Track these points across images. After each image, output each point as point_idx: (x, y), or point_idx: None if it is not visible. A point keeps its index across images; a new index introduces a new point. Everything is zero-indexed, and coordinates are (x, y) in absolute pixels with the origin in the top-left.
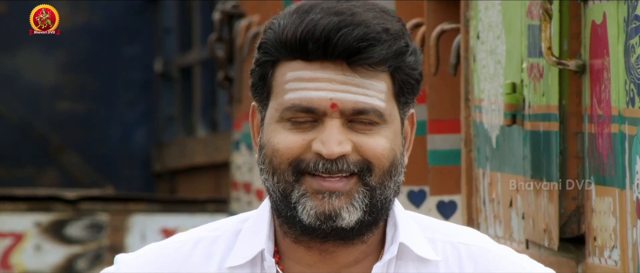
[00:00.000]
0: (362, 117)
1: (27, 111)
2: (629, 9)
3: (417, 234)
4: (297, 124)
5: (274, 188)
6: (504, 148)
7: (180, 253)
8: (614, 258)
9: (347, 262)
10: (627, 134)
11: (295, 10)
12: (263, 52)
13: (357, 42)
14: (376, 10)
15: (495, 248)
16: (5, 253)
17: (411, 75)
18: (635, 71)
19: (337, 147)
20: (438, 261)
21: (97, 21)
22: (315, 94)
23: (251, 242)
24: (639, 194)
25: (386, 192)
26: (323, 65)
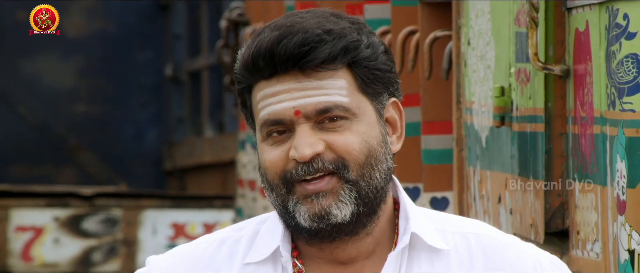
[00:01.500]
0: (327, 115)
1: (46, 113)
2: (610, 18)
3: (427, 226)
4: (277, 139)
5: (275, 203)
6: (493, 148)
7: (207, 253)
8: (596, 251)
9: (359, 255)
10: (608, 135)
11: (253, 35)
12: (237, 82)
13: (298, 48)
14: (323, 16)
15: (503, 236)
16: (26, 246)
17: (371, 66)
18: (616, 75)
19: (308, 149)
20: (449, 250)
21: (111, 28)
22: (279, 105)
23: (268, 241)
24: (619, 191)
25: (373, 182)
26: (279, 79)
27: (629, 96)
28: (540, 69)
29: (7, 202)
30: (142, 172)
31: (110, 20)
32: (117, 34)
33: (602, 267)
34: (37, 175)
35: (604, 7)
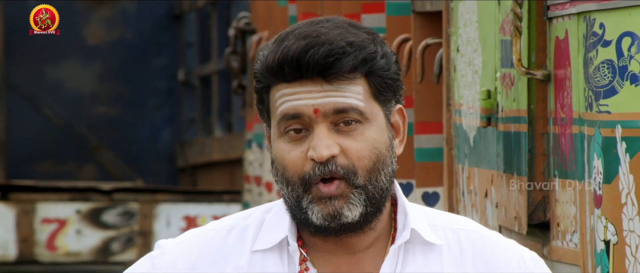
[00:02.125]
0: (344, 116)
1: (69, 115)
2: (588, 27)
3: (422, 222)
4: (294, 137)
5: (289, 196)
6: (480, 147)
7: (216, 239)
8: (575, 241)
9: (361, 247)
10: (586, 134)
11: (275, 41)
12: (257, 81)
13: (324, 59)
14: (343, 27)
15: (490, 233)
16: (51, 236)
17: (385, 76)
18: (593, 80)
19: (326, 150)
20: (442, 245)
21: (128, 37)
22: (299, 102)
23: (275, 230)
24: (596, 186)
25: (379, 184)
26: (302, 83)
27: (604, 99)
28: (523, 73)
29: (34, 197)
30: (157, 169)
31: (128, 29)
32: (134, 42)
33: (580, 256)
34: (61, 171)
35: (582, 17)
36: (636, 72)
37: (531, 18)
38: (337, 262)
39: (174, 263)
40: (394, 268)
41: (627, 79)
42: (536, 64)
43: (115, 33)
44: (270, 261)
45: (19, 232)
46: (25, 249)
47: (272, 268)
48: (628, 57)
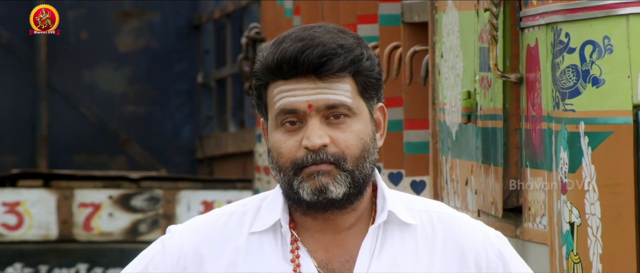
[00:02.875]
0: (334, 111)
1: (102, 113)
2: (555, 36)
3: (399, 205)
4: (289, 128)
5: (282, 181)
6: (461, 141)
7: (219, 223)
8: (544, 223)
9: (344, 226)
10: (554, 130)
11: (273, 43)
12: (256, 79)
13: (318, 58)
14: (333, 32)
15: (459, 214)
16: (87, 219)
17: (369, 75)
18: (560, 82)
19: (318, 139)
20: (416, 225)
21: (154, 45)
22: (295, 99)
23: (270, 214)
24: (562, 175)
25: (363, 170)
26: (297, 81)
27: (569, 99)
28: (499, 77)
29: (72, 184)
30: (179, 160)
31: (153, 38)
32: (159, 50)
33: (548, 236)
34: (95, 162)
35: (550, 28)
36: (597, 75)
37: (506, 28)
38: (324, 240)
39: (182, 244)
40: (374, 245)
41: (589, 82)
42: (510, 68)
43: (142, 42)
44: (265, 241)
45: (60, 214)
46: (65, 229)
47: (267, 248)
48: (590, 63)
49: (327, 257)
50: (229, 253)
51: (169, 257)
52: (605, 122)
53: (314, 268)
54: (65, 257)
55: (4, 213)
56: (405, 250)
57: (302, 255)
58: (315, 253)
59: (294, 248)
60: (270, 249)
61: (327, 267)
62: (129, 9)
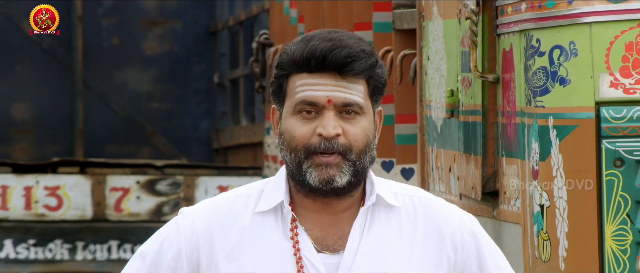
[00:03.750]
0: (348, 108)
1: (131, 108)
2: (527, 41)
3: (385, 190)
4: (305, 116)
5: (291, 162)
6: (445, 133)
7: (225, 206)
8: (517, 205)
9: (340, 209)
10: (526, 124)
11: (301, 40)
12: (280, 69)
13: (344, 59)
14: (355, 38)
15: (436, 198)
16: (118, 201)
17: (379, 81)
18: (531, 82)
19: (333, 129)
20: (400, 207)
21: (176, 49)
22: (317, 92)
23: (273, 196)
24: (533, 163)
25: (364, 162)
26: (321, 75)
27: (540, 96)
28: (478, 77)
29: (104, 171)
30: (197, 150)
31: (175, 43)
32: (180, 53)
33: (521, 217)
34: (124, 152)
35: (523, 34)
36: (564, 76)
37: (484, 34)
38: (320, 220)
39: (193, 224)
40: (364, 225)
41: (557, 81)
42: (488, 69)
43: (166, 46)
44: (268, 221)
45: (94, 197)
46: (98, 211)
47: (269, 227)
48: (558, 65)
49: (322, 235)
50: (235, 232)
51: (182, 234)
52: (571, 117)
53: (310, 245)
54: (98, 234)
55: (46, 196)
56: (391, 229)
57: (301, 233)
58: (312, 231)
59: (293, 227)
60: (272, 228)
61: (323, 243)
62: (154, 18)
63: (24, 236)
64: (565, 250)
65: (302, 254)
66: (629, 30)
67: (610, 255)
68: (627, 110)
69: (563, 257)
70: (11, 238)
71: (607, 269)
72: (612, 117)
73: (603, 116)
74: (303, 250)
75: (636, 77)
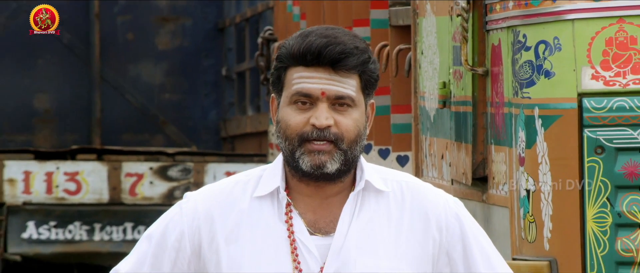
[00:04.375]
0: (340, 101)
1: (145, 100)
2: (514, 36)
3: (375, 176)
4: (300, 107)
5: (286, 148)
6: (438, 123)
7: (226, 190)
8: (505, 190)
9: (331, 193)
10: (514, 114)
11: (299, 35)
12: (279, 61)
13: (338, 55)
14: (350, 35)
15: (424, 183)
16: (132, 186)
17: (372, 76)
18: (518, 75)
19: (325, 120)
20: (388, 192)
21: (186, 44)
22: (311, 85)
23: (270, 182)
24: (520, 151)
25: (354, 152)
26: (316, 69)
27: (526, 88)
28: (469, 70)
29: (120, 158)
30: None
31: (186, 38)
32: (190, 48)
33: (509, 200)
34: (138, 140)
35: (510, 30)
36: (549, 69)
37: (474, 30)
38: (313, 204)
39: (196, 207)
40: (354, 209)
41: (542, 74)
42: (478, 63)
43: (177, 41)
44: (264, 205)
45: (110, 182)
46: (114, 194)
47: (266, 210)
48: (543, 58)
49: (315, 218)
50: (234, 215)
51: (185, 217)
52: (555, 107)
53: (304, 228)
54: (114, 217)
55: (66, 181)
56: (379, 212)
57: (295, 217)
58: (305, 215)
59: (288, 211)
60: (269, 211)
61: (315, 226)
62: (166, 15)
63: (45, 218)
64: (550, 232)
65: (296, 236)
66: (609, 27)
67: (592, 236)
68: (607, 101)
69: (547, 238)
70: (34, 220)
71: (589, 249)
72: (594, 108)
73: (585, 107)
74: (296, 233)
75: (616, 70)
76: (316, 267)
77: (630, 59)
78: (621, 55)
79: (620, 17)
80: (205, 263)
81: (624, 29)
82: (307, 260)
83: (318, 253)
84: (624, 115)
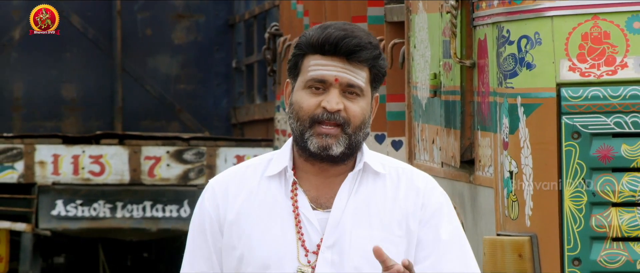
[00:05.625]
0: (351, 89)
1: (162, 89)
2: (499, 32)
3: (374, 160)
4: (314, 91)
5: (297, 129)
6: (429, 110)
7: (239, 172)
8: (490, 172)
9: (334, 173)
10: (498, 102)
11: (319, 27)
12: (298, 49)
13: (353, 47)
14: (365, 32)
15: (416, 170)
16: (151, 168)
17: (380, 71)
18: (502, 67)
19: (336, 105)
20: (385, 174)
21: (200, 39)
22: (327, 72)
23: (279, 163)
24: (504, 136)
25: (358, 137)
26: (332, 58)
27: (510, 79)
28: (457, 62)
29: (140, 142)
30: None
31: (199, 34)
32: (204, 42)
33: (494, 181)
34: (156, 126)
35: (495, 25)
36: (530, 61)
37: (462, 26)
38: (316, 182)
39: (214, 189)
40: (352, 187)
41: (524, 66)
42: (466, 56)
43: (191, 36)
44: (273, 184)
45: (131, 164)
46: (134, 175)
47: (274, 188)
48: (525, 52)
49: (317, 195)
50: (246, 192)
51: (206, 201)
52: (536, 96)
53: (307, 203)
54: (135, 196)
55: (91, 163)
56: (376, 191)
57: (299, 193)
58: (309, 192)
59: (294, 189)
60: (276, 189)
61: (317, 202)
62: (181, 12)
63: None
64: (531, 210)
65: (300, 211)
66: (585, 23)
67: (569, 213)
68: (583, 91)
69: (529, 216)
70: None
71: (566, 225)
72: (571, 97)
73: (563, 96)
74: (301, 208)
75: (591, 62)
76: (317, 238)
77: (604, 52)
78: (596, 48)
79: (595, 14)
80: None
81: (598, 25)
82: (309, 232)
83: (319, 225)
84: (598, 104)
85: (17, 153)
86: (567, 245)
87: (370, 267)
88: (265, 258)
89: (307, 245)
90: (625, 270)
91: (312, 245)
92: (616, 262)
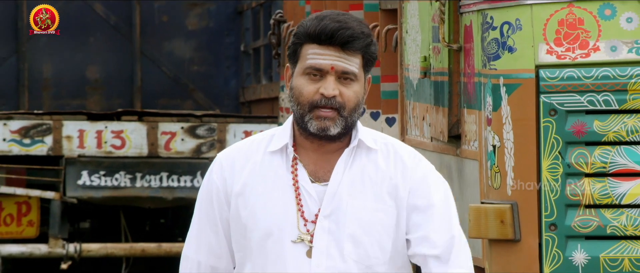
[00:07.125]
0: (345, 76)
1: (177, 70)
2: (483, 18)
3: (368, 137)
4: (312, 78)
5: (297, 112)
6: (420, 90)
7: (244, 147)
8: (475, 146)
9: (332, 150)
10: (482, 83)
11: (316, 17)
12: (296, 38)
13: (347, 38)
14: (358, 22)
15: (404, 145)
16: (167, 142)
17: (372, 56)
18: (486, 50)
19: (332, 91)
20: (377, 149)
21: (211, 25)
22: (323, 61)
23: (280, 139)
24: (488, 113)
25: (353, 118)
26: (328, 47)
27: (493, 61)
28: (446, 46)
29: (157, 119)
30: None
31: (211, 20)
32: (215, 28)
33: (478, 154)
34: (172, 104)
35: (480, 13)
36: (511, 45)
37: (450, 13)
38: (315, 157)
39: (221, 163)
40: (348, 161)
41: (506, 49)
42: (453, 40)
43: (203, 23)
44: (275, 158)
45: (149, 139)
46: (152, 149)
47: (276, 163)
48: (507, 36)
49: (315, 169)
50: (250, 165)
51: (214, 174)
52: (517, 77)
53: (306, 177)
54: (152, 168)
55: (113, 138)
56: (369, 165)
57: (299, 168)
58: (308, 166)
59: (294, 163)
60: (278, 163)
61: (315, 175)
62: (194, 1)
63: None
64: (512, 180)
65: (300, 184)
66: (561, 10)
67: (546, 183)
68: (559, 72)
69: (510, 186)
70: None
71: (543, 194)
72: (548, 77)
73: (541, 76)
74: (300, 181)
75: (566, 46)
76: (315, 209)
77: (578, 37)
78: (570, 34)
79: (570, 2)
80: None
81: (573, 12)
82: (308, 203)
83: (317, 197)
84: (573, 84)
85: (46, 129)
86: (545, 212)
87: (364, 234)
88: (268, 227)
89: (306, 215)
90: (596, 234)
91: (311, 215)
92: (588, 227)
